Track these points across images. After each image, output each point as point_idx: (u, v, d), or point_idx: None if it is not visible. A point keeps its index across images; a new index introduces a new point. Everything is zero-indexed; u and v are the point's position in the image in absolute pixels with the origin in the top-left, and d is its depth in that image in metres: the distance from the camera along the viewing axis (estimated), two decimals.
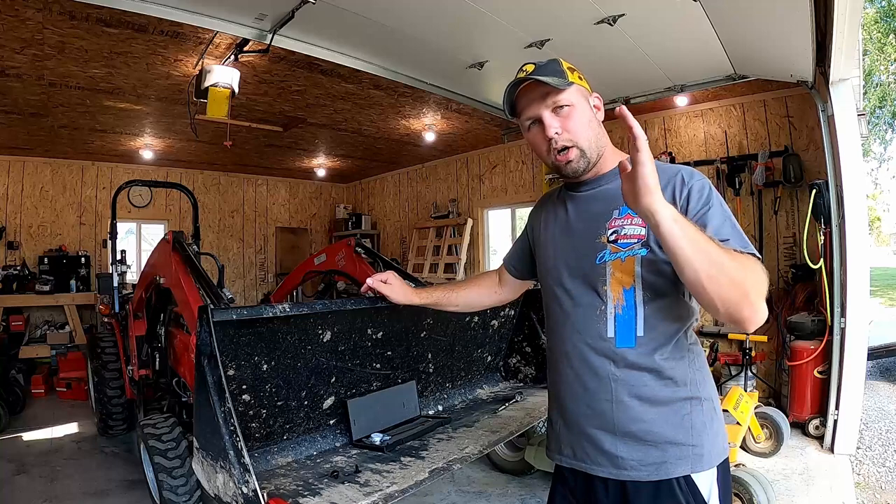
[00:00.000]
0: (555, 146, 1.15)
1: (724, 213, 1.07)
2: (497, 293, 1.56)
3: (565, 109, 1.14)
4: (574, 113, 1.14)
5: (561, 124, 1.14)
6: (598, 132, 1.19)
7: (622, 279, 1.12)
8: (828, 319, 3.54)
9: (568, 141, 1.14)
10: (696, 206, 1.07)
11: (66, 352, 5.47)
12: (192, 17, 2.72)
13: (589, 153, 1.16)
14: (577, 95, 1.16)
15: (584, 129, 1.15)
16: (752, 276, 0.94)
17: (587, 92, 1.20)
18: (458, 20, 2.88)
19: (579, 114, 1.15)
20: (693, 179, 1.10)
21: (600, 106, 1.21)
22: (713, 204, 1.07)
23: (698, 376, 1.15)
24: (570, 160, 1.16)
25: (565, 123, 1.14)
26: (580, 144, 1.15)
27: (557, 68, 1.16)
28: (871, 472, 3.26)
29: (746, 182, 4.51)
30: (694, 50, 3.28)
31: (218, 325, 1.31)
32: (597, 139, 1.18)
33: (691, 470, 1.09)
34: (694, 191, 1.09)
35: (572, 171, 1.18)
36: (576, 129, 1.14)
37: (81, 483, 3.18)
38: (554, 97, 1.13)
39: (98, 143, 5.96)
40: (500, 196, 6.73)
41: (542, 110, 1.14)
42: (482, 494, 3.03)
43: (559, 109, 1.14)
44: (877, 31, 10.63)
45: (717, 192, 1.11)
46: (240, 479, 1.18)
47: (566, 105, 1.13)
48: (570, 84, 1.14)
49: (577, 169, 1.17)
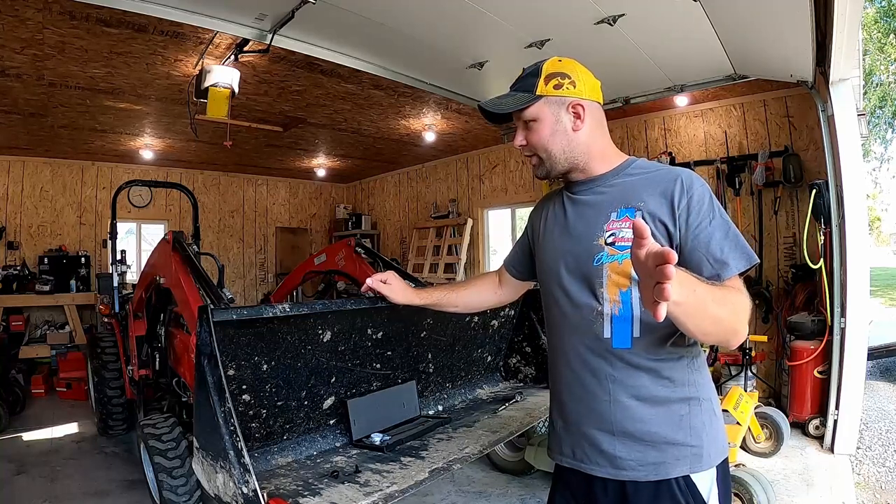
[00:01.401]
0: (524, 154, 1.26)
1: (725, 225, 1.08)
2: (497, 294, 1.56)
3: (531, 124, 1.21)
4: (536, 126, 1.21)
5: (525, 137, 1.23)
6: (568, 142, 1.19)
7: (619, 281, 1.12)
8: (828, 319, 3.54)
9: (529, 151, 1.24)
10: (696, 220, 1.07)
11: (66, 352, 5.47)
12: (192, 17, 2.72)
13: (548, 163, 1.22)
14: (544, 108, 1.19)
15: (542, 142, 1.21)
16: (739, 312, 0.99)
17: (565, 99, 1.18)
18: (458, 20, 2.88)
19: (541, 127, 1.20)
20: (693, 188, 1.10)
21: (579, 113, 1.18)
22: (714, 216, 1.08)
23: (697, 376, 1.15)
24: (533, 165, 1.26)
25: (529, 136, 1.22)
26: (539, 154, 1.23)
27: (531, 81, 1.20)
28: (871, 472, 3.26)
29: (746, 182, 4.51)
30: (694, 50, 3.28)
31: (218, 325, 1.31)
32: (564, 148, 1.20)
33: (690, 470, 1.09)
34: (694, 201, 1.08)
35: (539, 176, 1.27)
36: (534, 141, 1.22)
37: (81, 483, 3.18)
38: (520, 114, 1.21)
39: (98, 143, 5.96)
40: (499, 196, 6.73)
41: (517, 122, 1.24)
42: (482, 494, 3.03)
43: (528, 123, 1.22)
44: (877, 31, 10.63)
45: (716, 199, 1.11)
46: (240, 479, 1.18)
47: (531, 120, 1.21)
48: (534, 99, 1.18)
49: (540, 175, 1.26)
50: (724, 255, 1.04)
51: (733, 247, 1.05)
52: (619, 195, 1.16)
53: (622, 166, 1.21)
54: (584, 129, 1.19)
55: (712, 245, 1.05)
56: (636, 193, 1.14)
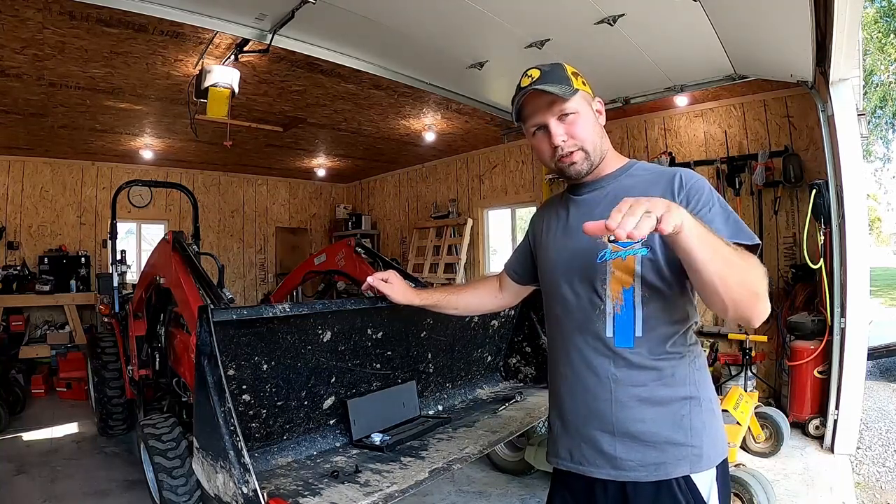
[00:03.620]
0: (560, 153, 1.18)
1: (724, 212, 1.08)
2: (498, 298, 1.56)
3: (570, 117, 1.17)
4: (579, 120, 1.17)
5: (566, 131, 1.17)
6: (601, 135, 1.22)
7: (622, 278, 1.13)
8: (828, 319, 3.54)
9: (573, 146, 1.18)
10: (695, 209, 1.07)
11: (66, 352, 5.46)
12: (192, 17, 2.72)
13: (592, 156, 1.20)
14: (582, 102, 1.19)
15: (588, 134, 1.19)
16: (755, 274, 0.96)
17: (590, 97, 1.22)
18: (458, 20, 2.88)
19: (584, 120, 1.18)
20: (691, 181, 1.12)
21: (602, 110, 1.25)
22: (714, 204, 1.08)
23: (698, 377, 1.15)
24: (574, 162, 1.19)
25: (571, 130, 1.17)
26: (585, 147, 1.18)
27: (563, 74, 1.18)
28: (871, 472, 3.26)
29: (746, 182, 4.51)
30: (694, 50, 3.28)
31: (218, 325, 1.31)
32: (600, 142, 1.21)
33: (690, 470, 1.09)
34: (692, 192, 1.10)
35: (575, 173, 1.21)
36: (581, 134, 1.18)
37: (81, 483, 3.18)
38: (560, 105, 1.16)
39: (98, 143, 5.96)
40: (500, 196, 6.73)
41: (549, 118, 1.17)
42: (482, 494, 3.03)
43: (565, 117, 1.17)
44: (877, 31, 10.62)
45: (716, 191, 1.12)
46: (240, 479, 1.18)
47: (571, 113, 1.16)
48: (575, 91, 1.16)
49: (580, 171, 1.20)
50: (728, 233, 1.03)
51: (735, 230, 1.05)
52: (622, 193, 1.16)
53: (625, 167, 1.24)
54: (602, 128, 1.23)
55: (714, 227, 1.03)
56: (639, 193, 1.13)
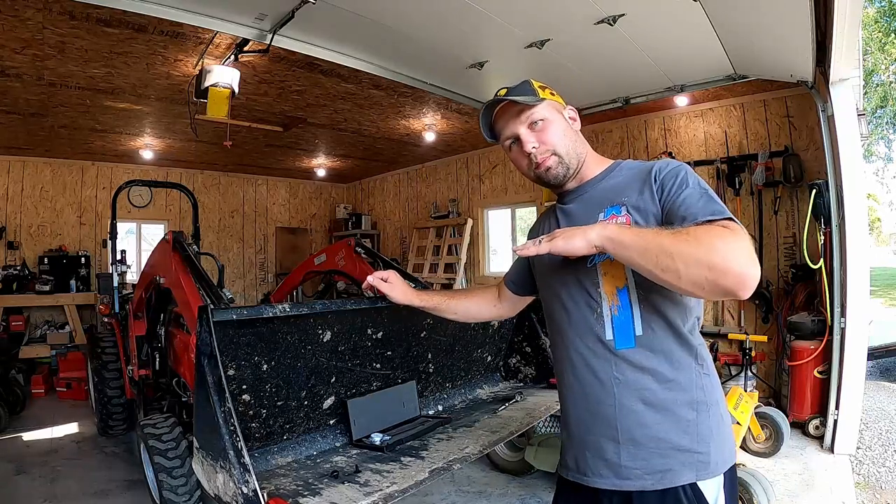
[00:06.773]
0: (534, 160, 1.21)
1: (698, 192, 1.06)
2: (496, 307, 1.57)
3: (539, 124, 1.20)
4: (549, 126, 1.20)
5: (537, 138, 1.20)
6: (576, 140, 1.24)
7: (614, 279, 1.13)
8: (828, 319, 3.54)
9: (545, 152, 1.20)
10: (669, 191, 1.09)
11: (66, 352, 5.47)
12: (192, 17, 2.72)
13: (567, 159, 1.21)
14: (551, 110, 1.23)
15: (559, 139, 1.21)
16: (713, 244, 0.91)
17: (561, 106, 1.26)
18: (458, 20, 2.88)
19: (554, 126, 1.21)
20: (665, 169, 1.12)
21: (576, 117, 1.28)
22: (688, 185, 1.07)
23: (705, 381, 1.12)
24: (549, 167, 1.21)
25: (541, 136, 1.20)
26: (558, 151, 1.21)
27: (529, 88, 1.23)
28: (871, 472, 3.26)
29: (746, 182, 4.52)
30: (694, 50, 3.28)
31: (218, 325, 1.31)
32: (574, 147, 1.23)
33: (697, 477, 1.06)
34: (667, 178, 1.11)
35: (553, 178, 1.23)
36: (552, 139, 1.20)
37: (81, 483, 3.18)
38: (527, 113, 1.20)
39: (98, 143, 5.96)
40: (500, 196, 6.73)
41: (519, 128, 1.21)
42: (482, 494, 3.03)
43: (534, 125, 1.20)
44: (877, 31, 10.62)
45: (695, 173, 1.12)
46: (240, 478, 1.18)
47: (540, 119, 1.20)
48: (541, 100, 1.20)
49: (557, 175, 1.22)
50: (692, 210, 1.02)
51: (703, 207, 1.02)
52: (606, 195, 1.19)
53: (608, 170, 1.25)
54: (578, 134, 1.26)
55: (682, 207, 1.04)
56: (621, 191, 1.17)
